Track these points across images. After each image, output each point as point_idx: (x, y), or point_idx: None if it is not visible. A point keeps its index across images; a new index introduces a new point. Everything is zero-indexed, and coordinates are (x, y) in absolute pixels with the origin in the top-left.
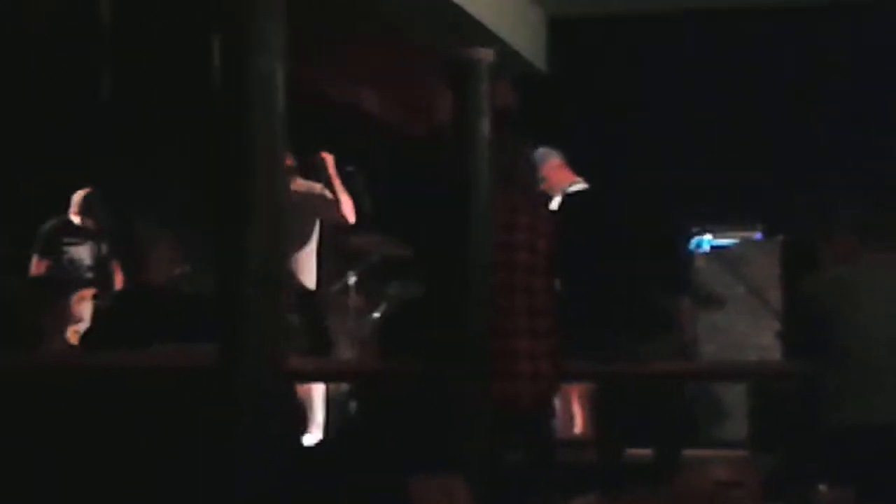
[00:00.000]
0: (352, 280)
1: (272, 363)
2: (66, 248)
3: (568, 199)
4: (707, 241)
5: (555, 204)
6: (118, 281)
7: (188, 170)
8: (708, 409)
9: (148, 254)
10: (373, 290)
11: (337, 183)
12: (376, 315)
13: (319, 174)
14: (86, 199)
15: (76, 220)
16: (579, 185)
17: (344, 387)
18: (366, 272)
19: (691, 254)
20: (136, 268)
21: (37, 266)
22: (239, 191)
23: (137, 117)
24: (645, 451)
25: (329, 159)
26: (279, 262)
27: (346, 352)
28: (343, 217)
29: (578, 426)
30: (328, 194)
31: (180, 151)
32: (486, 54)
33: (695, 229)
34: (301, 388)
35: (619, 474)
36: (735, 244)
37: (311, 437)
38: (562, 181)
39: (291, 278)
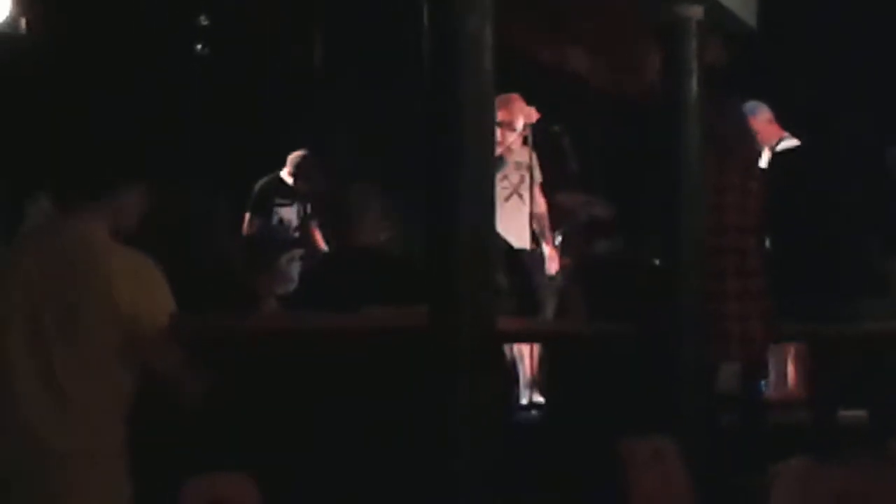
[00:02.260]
0: (558, 240)
1: (482, 324)
2: (276, 209)
3: (779, 156)
4: None
5: (764, 158)
6: (319, 242)
7: (396, 133)
8: None
9: (358, 216)
10: (580, 250)
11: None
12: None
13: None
14: (301, 160)
15: (289, 180)
16: (789, 141)
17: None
18: (573, 232)
19: None
20: (346, 230)
21: (249, 225)
22: (449, 151)
23: (348, 83)
24: (860, 413)
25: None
26: (488, 223)
27: (552, 311)
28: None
29: (792, 387)
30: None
31: (391, 115)
32: (696, 11)
33: None
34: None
35: (833, 436)
36: None
37: (524, 399)
38: (771, 136)
39: (499, 239)
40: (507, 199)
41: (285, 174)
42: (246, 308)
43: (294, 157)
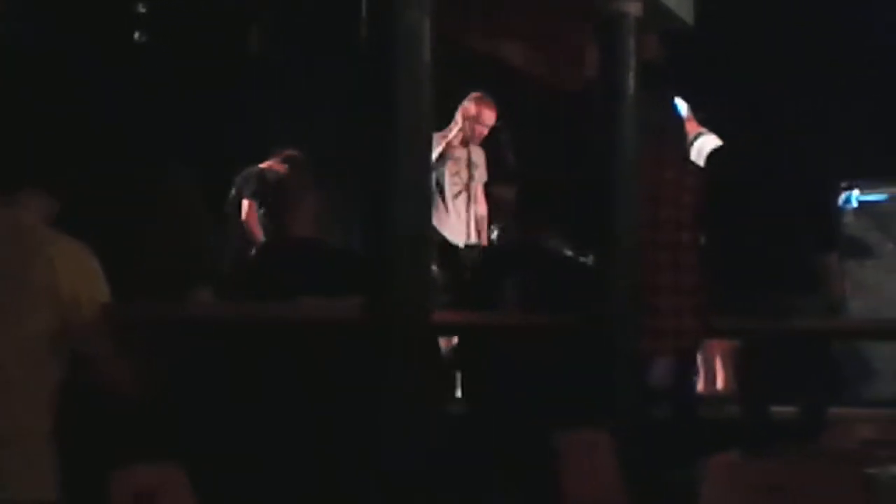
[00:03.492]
0: (494, 234)
1: (417, 316)
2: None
3: (716, 152)
4: (856, 196)
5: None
6: (256, 232)
7: (335, 124)
8: (855, 367)
9: (294, 207)
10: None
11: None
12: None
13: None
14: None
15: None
16: (706, 137)
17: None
18: (509, 226)
19: (840, 209)
20: (283, 221)
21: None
22: (385, 144)
23: (287, 71)
24: (790, 409)
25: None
26: (425, 216)
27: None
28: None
29: (722, 382)
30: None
31: (326, 106)
32: (634, 7)
33: (844, 184)
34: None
35: (764, 431)
36: (885, 200)
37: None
38: (689, 132)
39: (435, 233)
40: (457, 195)
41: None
42: (179, 296)
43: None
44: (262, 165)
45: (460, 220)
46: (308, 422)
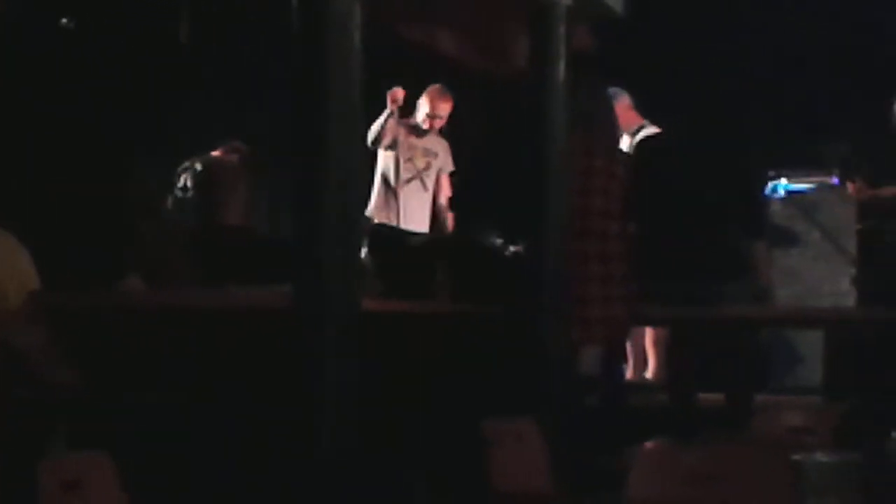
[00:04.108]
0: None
1: (347, 305)
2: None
3: (644, 142)
4: (783, 185)
5: (623, 145)
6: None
7: (266, 112)
8: (782, 354)
9: (225, 195)
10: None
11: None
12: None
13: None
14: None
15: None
16: (649, 128)
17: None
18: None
19: (767, 198)
20: (213, 209)
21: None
22: (316, 131)
23: (218, 60)
24: (717, 396)
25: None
26: (355, 203)
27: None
28: None
29: (650, 370)
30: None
31: (257, 94)
32: None
33: (771, 174)
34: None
35: (692, 418)
36: (811, 189)
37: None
38: (630, 123)
39: (367, 220)
40: (409, 181)
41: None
42: (107, 284)
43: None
44: (213, 154)
45: (410, 206)
46: (239, 410)
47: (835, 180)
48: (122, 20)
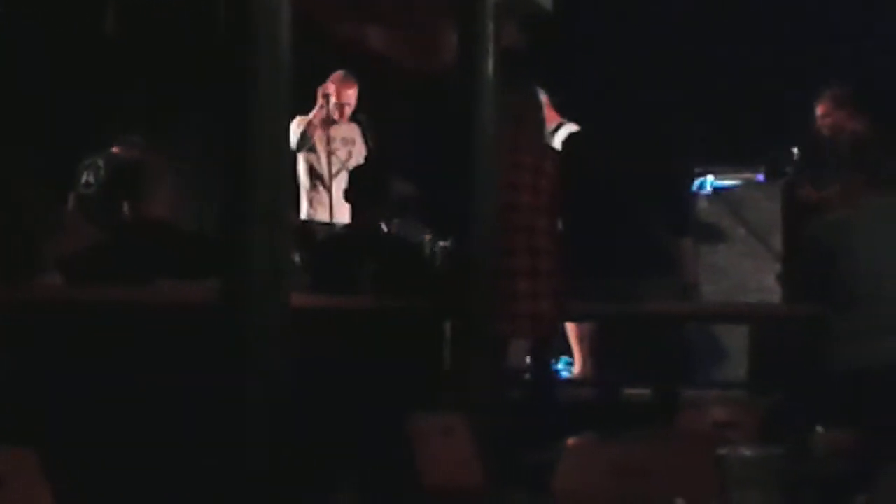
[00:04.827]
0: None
1: (275, 299)
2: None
3: (571, 139)
4: (710, 182)
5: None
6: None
7: (197, 107)
8: (708, 349)
9: (151, 189)
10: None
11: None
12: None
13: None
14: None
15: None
16: (568, 126)
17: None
18: None
19: (694, 195)
20: (139, 202)
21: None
22: (244, 126)
23: (145, 55)
24: (644, 391)
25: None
26: (283, 198)
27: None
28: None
29: (576, 366)
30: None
31: (189, 91)
32: None
33: (698, 170)
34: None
35: (618, 414)
36: (737, 186)
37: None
38: (549, 121)
39: (295, 216)
40: (337, 174)
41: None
42: (25, 278)
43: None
44: (113, 150)
45: (340, 199)
46: (166, 406)
47: (760, 177)
48: (45, 11)
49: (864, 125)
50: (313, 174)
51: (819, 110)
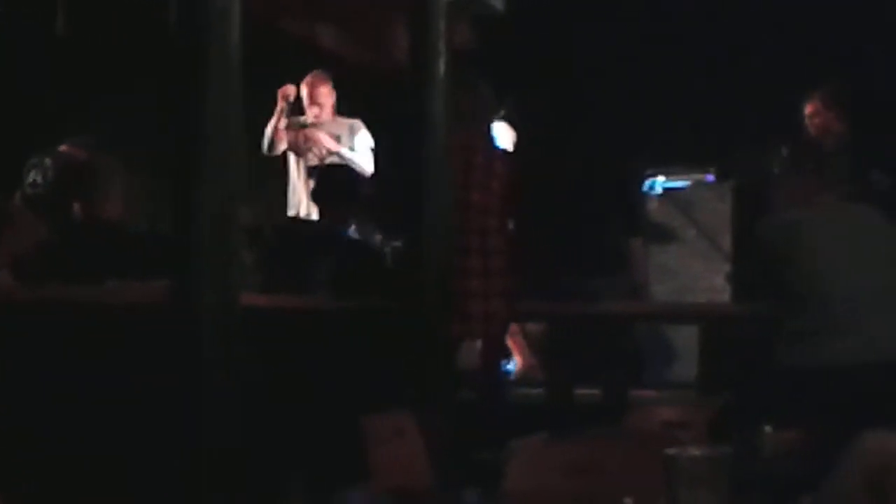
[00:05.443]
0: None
1: (225, 300)
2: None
3: (523, 138)
4: (660, 182)
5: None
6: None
7: (148, 106)
8: (657, 349)
9: (103, 189)
10: None
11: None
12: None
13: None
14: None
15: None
16: (498, 125)
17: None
18: None
19: (644, 195)
20: (90, 203)
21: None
22: (194, 126)
23: (96, 53)
24: (594, 391)
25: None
26: (232, 198)
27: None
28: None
29: (517, 364)
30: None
31: (140, 88)
32: None
33: (648, 171)
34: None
35: (568, 414)
36: (687, 186)
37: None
38: None
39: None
40: (310, 173)
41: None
42: None
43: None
44: (62, 149)
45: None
46: (119, 405)
47: (710, 178)
48: None
49: (850, 127)
50: (297, 173)
51: (808, 109)
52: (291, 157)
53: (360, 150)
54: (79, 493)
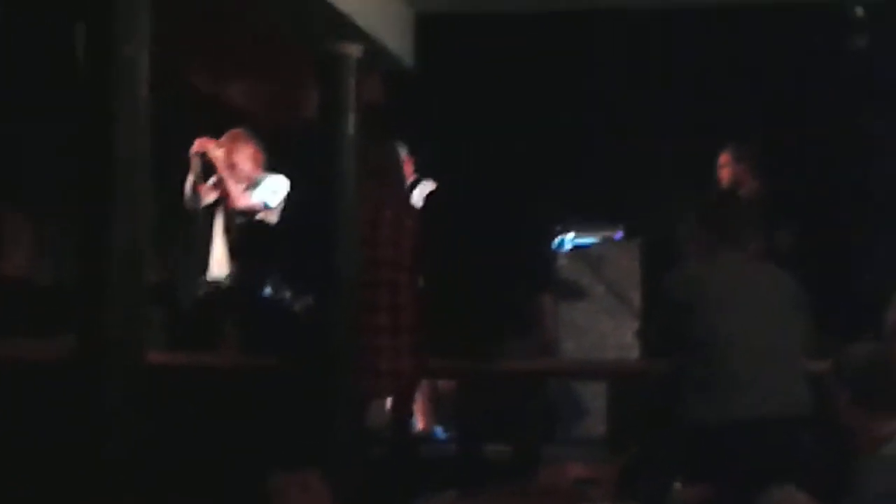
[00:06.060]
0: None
1: (130, 356)
2: None
3: (431, 195)
4: (569, 239)
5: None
6: None
7: (54, 158)
8: (568, 406)
9: (6, 246)
10: None
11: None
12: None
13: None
14: None
15: None
16: (424, 184)
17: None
18: None
19: (554, 252)
20: None
21: None
22: (101, 180)
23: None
24: (505, 448)
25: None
26: (141, 253)
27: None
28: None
29: (419, 421)
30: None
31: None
32: (355, 49)
33: (557, 228)
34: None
35: (479, 470)
36: (596, 243)
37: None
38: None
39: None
40: (226, 232)
41: None
42: None
43: None
44: None
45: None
46: (23, 462)
47: (618, 235)
48: None
49: (760, 183)
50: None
51: (721, 159)
52: (218, 213)
53: (275, 201)
54: None
